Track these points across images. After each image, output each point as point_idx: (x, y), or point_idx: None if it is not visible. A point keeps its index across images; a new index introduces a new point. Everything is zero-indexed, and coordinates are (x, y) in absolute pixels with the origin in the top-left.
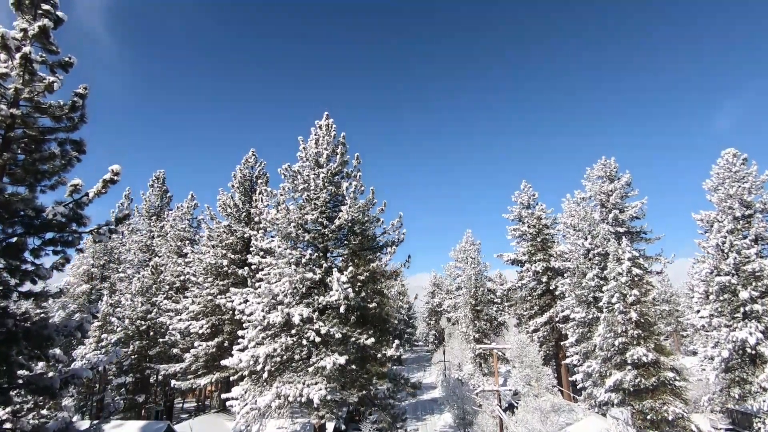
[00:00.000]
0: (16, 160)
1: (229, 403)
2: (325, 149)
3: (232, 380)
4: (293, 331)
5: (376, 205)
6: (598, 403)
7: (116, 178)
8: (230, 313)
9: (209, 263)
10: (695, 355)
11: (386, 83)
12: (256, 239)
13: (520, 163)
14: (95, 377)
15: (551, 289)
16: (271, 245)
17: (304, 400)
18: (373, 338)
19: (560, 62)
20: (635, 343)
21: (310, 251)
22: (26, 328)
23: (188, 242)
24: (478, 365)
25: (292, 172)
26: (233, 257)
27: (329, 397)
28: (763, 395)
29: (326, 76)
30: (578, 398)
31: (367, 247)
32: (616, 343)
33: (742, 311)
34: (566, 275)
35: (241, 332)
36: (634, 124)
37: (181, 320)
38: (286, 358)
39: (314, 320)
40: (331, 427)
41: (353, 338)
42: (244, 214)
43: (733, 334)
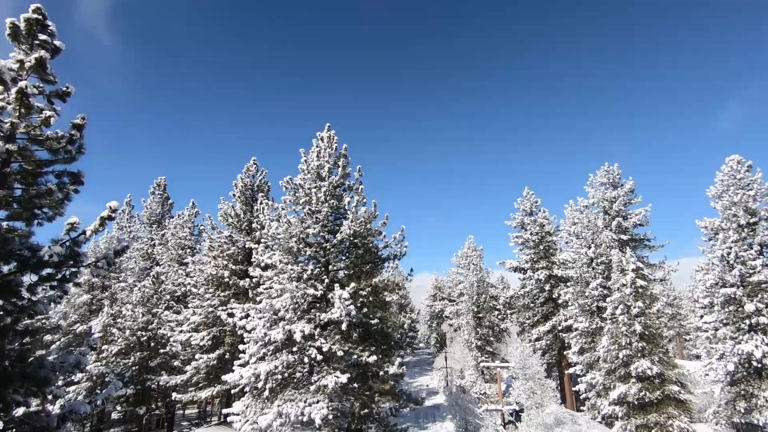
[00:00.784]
0: (12, 194)
1: (230, 418)
2: (326, 161)
3: (233, 392)
4: (295, 348)
5: (378, 218)
6: (602, 415)
7: (113, 215)
8: (231, 324)
9: (210, 274)
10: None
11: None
12: (257, 252)
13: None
14: (94, 391)
15: (554, 297)
16: (272, 259)
17: (305, 419)
18: (375, 356)
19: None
20: (639, 355)
21: (311, 266)
22: (23, 368)
23: (189, 250)
24: (480, 372)
25: (293, 185)
26: (234, 268)
27: (331, 416)
28: None
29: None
30: (582, 408)
31: (369, 260)
32: (620, 355)
33: (747, 323)
34: (569, 284)
35: (242, 346)
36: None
37: (182, 331)
38: (287, 375)
39: (316, 337)
40: None
41: (355, 355)
42: (245, 224)
43: (738, 346)
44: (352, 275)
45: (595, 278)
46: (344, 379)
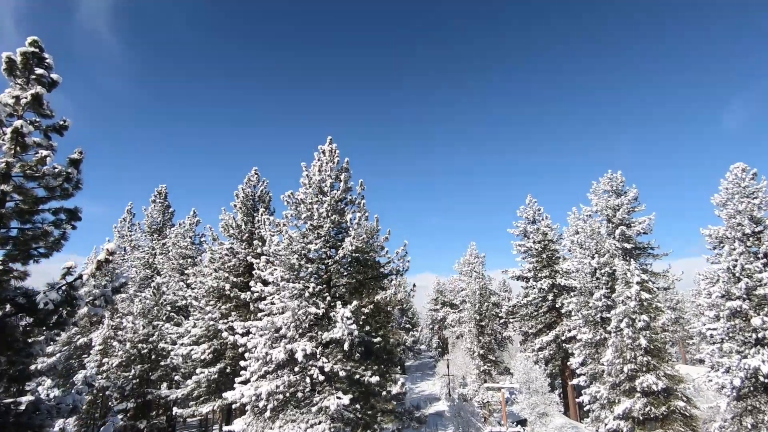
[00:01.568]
0: (8, 234)
1: None
2: (328, 175)
3: (234, 407)
4: (296, 368)
5: (380, 232)
6: (607, 429)
7: (111, 257)
8: (233, 340)
9: (211, 286)
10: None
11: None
12: (258, 267)
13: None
14: (95, 404)
15: (557, 306)
16: (273, 274)
17: None
18: (378, 376)
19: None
20: (645, 370)
21: (313, 284)
22: (17, 416)
23: (190, 260)
24: (482, 381)
25: (295, 199)
26: (235, 280)
27: None
28: None
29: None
30: (585, 419)
31: (371, 276)
32: (625, 369)
33: (754, 337)
34: (572, 294)
35: (243, 363)
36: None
37: (183, 344)
38: (289, 394)
39: (318, 356)
40: None
41: (357, 375)
42: (246, 234)
43: (744, 361)
44: (354, 291)
45: (598, 288)
46: (346, 400)
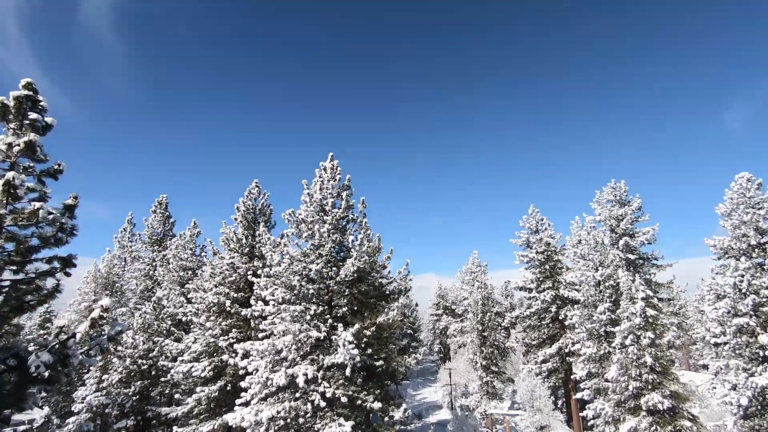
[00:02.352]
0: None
1: None
2: (329, 193)
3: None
4: (297, 394)
5: (382, 250)
6: None
7: (105, 314)
8: (233, 355)
9: (211, 301)
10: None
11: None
12: (258, 286)
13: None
14: (95, 422)
15: (560, 318)
16: (274, 295)
17: None
18: (380, 401)
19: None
20: (650, 388)
21: (314, 306)
22: None
23: (191, 272)
24: (485, 392)
25: (296, 218)
26: (236, 296)
27: None
28: None
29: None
30: None
31: (373, 295)
32: (630, 387)
33: (761, 355)
34: (576, 307)
35: (243, 384)
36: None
37: (183, 361)
38: (290, 420)
39: (319, 380)
40: None
41: (360, 401)
42: (247, 248)
43: (752, 380)
44: (356, 312)
45: (602, 301)
46: (348, 427)
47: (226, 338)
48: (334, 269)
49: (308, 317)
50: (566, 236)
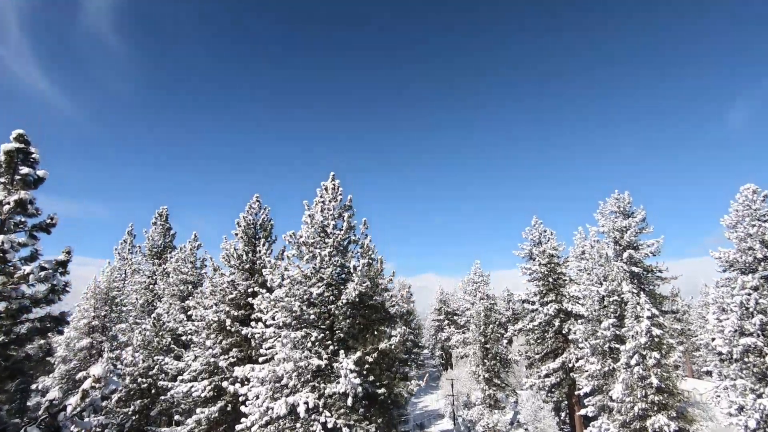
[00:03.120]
0: None
1: None
2: (331, 214)
3: None
4: (298, 424)
5: (383, 272)
6: None
7: (97, 385)
8: (233, 383)
9: (212, 319)
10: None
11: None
12: (259, 308)
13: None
14: None
15: (564, 332)
16: (275, 318)
17: None
18: (382, 430)
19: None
20: (656, 409)
21: (315, 332)
22: None
23: (191, 285)
24: (488, 405)
25: (297, 240)
26: (236, 314)
27: None
28: None
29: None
30: None
31: (375, 318)
32: (635, 408)
33: None
34: (580, 321)
35: (244, 409)
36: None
37: (183, 381)
38: None
39: (320, 409)
40: None
41: (362, 430)
42: (248, 264)
43: (759, 401)
44: (358, 336)
45: (607, 317)
46: None
47: (226, 357)
48: (335, 293)
49: (309, 344)
50: (569, 247)
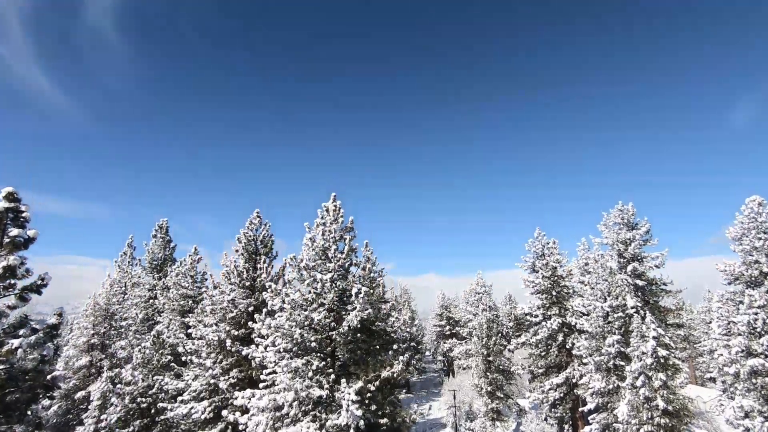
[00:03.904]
0: None
1: None
2: (332, 237)
3: None
4: None
5: (386, 295)
6: None
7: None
8: (233, 411)
9: (212, 339)
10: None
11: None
12: (259, 335)
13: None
14: None
15: (567, 347)
16: (275, 344)
17: None
18: None
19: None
20: None
21: (316, 360)
22: None
23: (191, 300)
24: (490, 419)
25: (297, 263)
26: (236, 333)
27: None
28: None
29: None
30: None
31: (377, 343)
32: (641, 431)
33: None
34: (584, 337)
35: None
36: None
37: (182, 401)
38: None
39: None
40: None
41: None
42: (248, 282)
43: (767, 424)
44: (359, 362)
45: (611, 333)
46: None
47: (226, 378)
48: (336, 318)
49: (310, 373)
50: (573, 258)
